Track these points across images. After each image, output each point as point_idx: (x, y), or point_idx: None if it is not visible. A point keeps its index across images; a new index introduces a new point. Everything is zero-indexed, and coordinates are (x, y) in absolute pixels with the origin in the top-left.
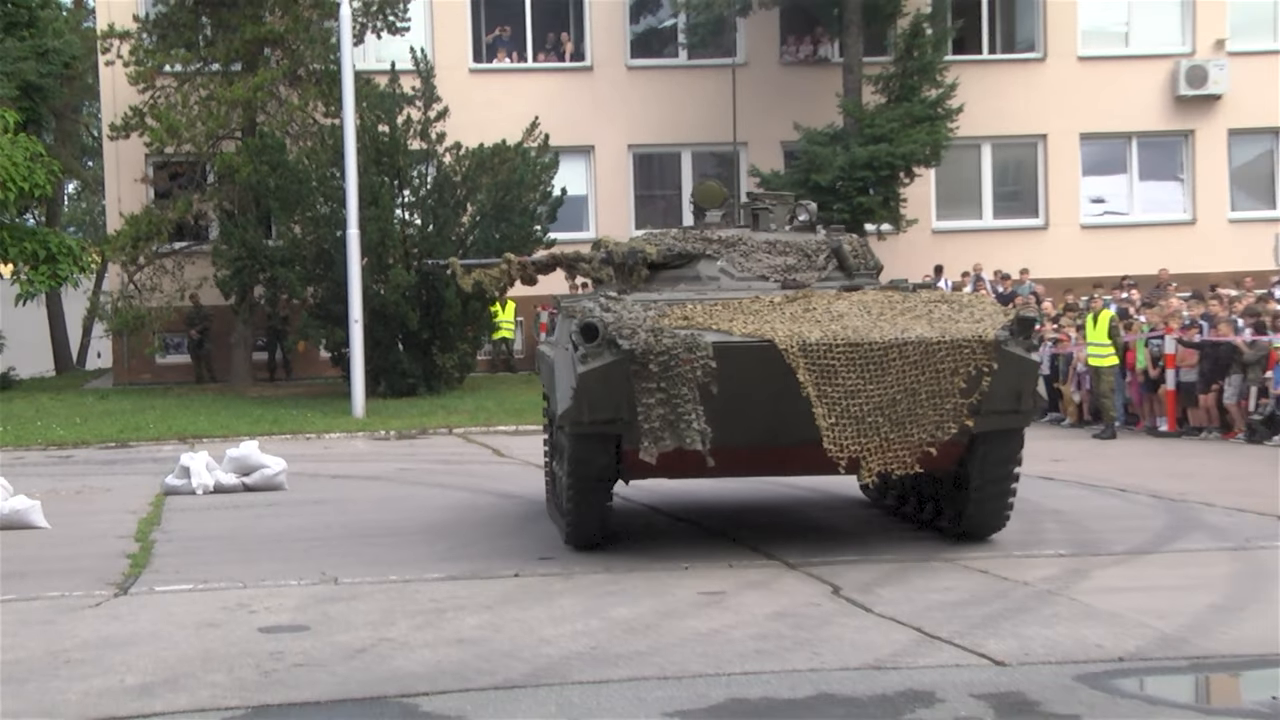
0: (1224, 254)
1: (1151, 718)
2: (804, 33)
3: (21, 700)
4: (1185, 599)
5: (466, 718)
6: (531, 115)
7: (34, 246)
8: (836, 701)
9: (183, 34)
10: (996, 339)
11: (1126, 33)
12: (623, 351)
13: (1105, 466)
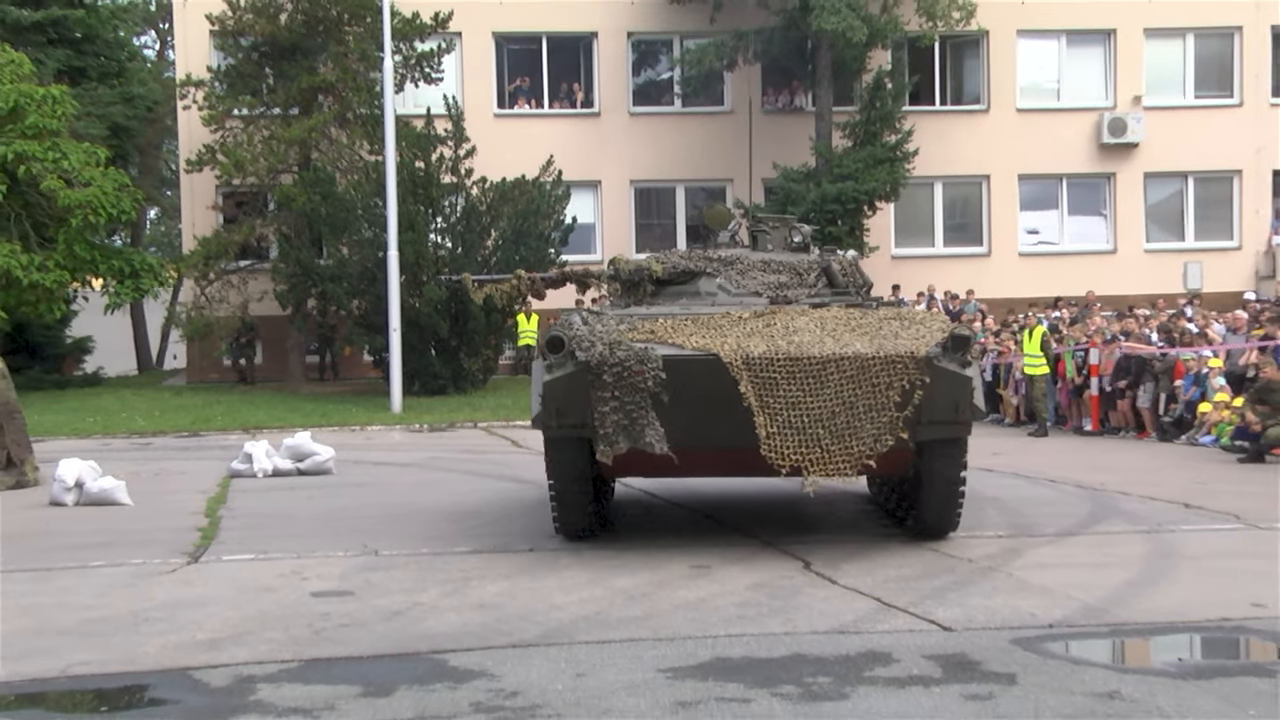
0: (1140, 279)
1: (1076, 676)
2: (782, 85)
3: (108, 652)
4: (1105, 574)
5: (488, 671)
6: (547, 154)
7: (120, 264)
8: (807, 661)
9: (248, 83)
10: (928, 355)
11: (1058, 89)
12: (580, 363)
13: (1037, 460)
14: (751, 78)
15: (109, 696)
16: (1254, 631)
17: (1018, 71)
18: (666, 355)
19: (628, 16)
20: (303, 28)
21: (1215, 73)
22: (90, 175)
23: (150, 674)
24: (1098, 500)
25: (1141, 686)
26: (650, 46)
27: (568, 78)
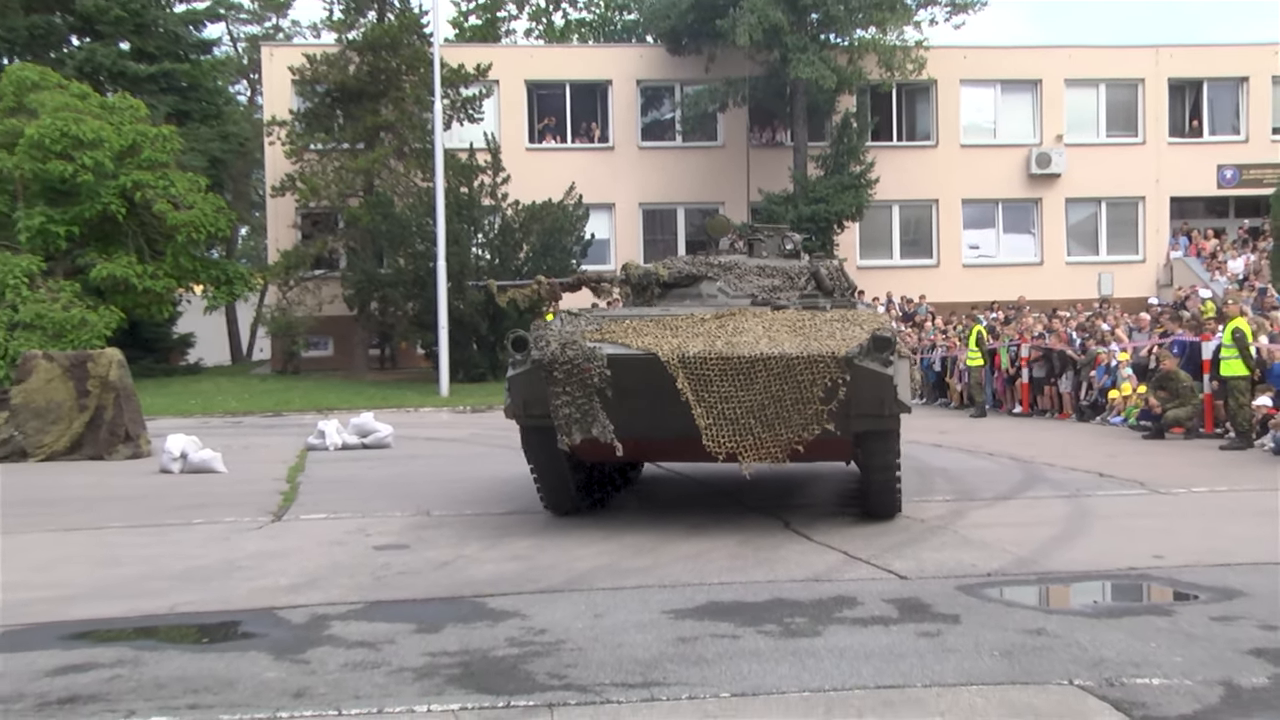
0: (1062, 287)
1: (1009, 616)
2: (765, 124)
3: (206, 593)
4: (1033, 532)
5: (520, 612)
6: (569, 181)
7: (217, 273)
8: (786, 604)
9: (322, 122)
10: (848, 355)
11: (994, 128)
12: (535, 360)
13: (978, 437)
14: (740, 118)
15: (208, 630)
16: (1155, 579)
17: (961, 113)
18: (611, 354)
19: (636, 67)
20: (367, 77)
21: (1122, 116)
22: (193, 200)
23: (241, 612)
24: (1028, 470)
25: (1063, 624)
26: (655, 92)
27: (587, 118)
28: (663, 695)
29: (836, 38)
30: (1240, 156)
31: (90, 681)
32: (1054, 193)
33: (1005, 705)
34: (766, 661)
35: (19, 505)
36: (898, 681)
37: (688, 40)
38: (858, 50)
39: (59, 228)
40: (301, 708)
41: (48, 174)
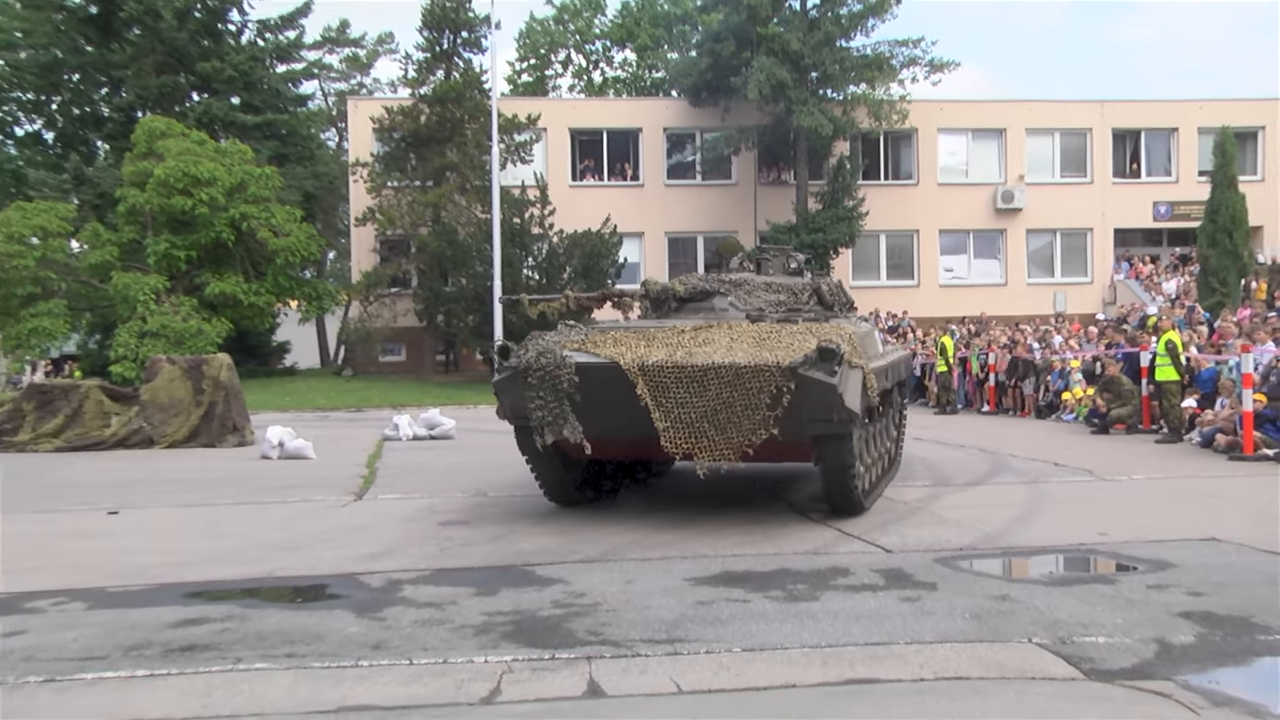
0: (1023, 304)
1: (978, 584)
2: (772, 165)
3: (299, 561)
4: (999, 512)
5: (563, 579)
6: (606, 213)
7: (309, 290)
8: (789, 573)
9: (398, 163)
10: (792, 365)
11: (966, 169)
12: (512, 367)
13: (951, 431)
14: (750, 160)
15: (301, 591)
16: (1100, 553)
17: (938, 157)
18: (579, 362)
19: (663, 116)
20: (436, 125)
21: (1074, 160)
22: (290, 228)
23: (329, 577)
24: (994, 460)
25: (1024, 592)
26: (679, 138)
27: (621, 160)
28: (684, 650)
29: (833, 92)
30: (1172, 195)
31: (204, 633)
32: (1016, 224)
33: (975, 660)
34: (772, 622)
35: (146, 485)
36: (884, 639)
37: (706, 94)
38: (851, 103)
39: (180, 252)
40: (379, 658)
41: (172, 208)
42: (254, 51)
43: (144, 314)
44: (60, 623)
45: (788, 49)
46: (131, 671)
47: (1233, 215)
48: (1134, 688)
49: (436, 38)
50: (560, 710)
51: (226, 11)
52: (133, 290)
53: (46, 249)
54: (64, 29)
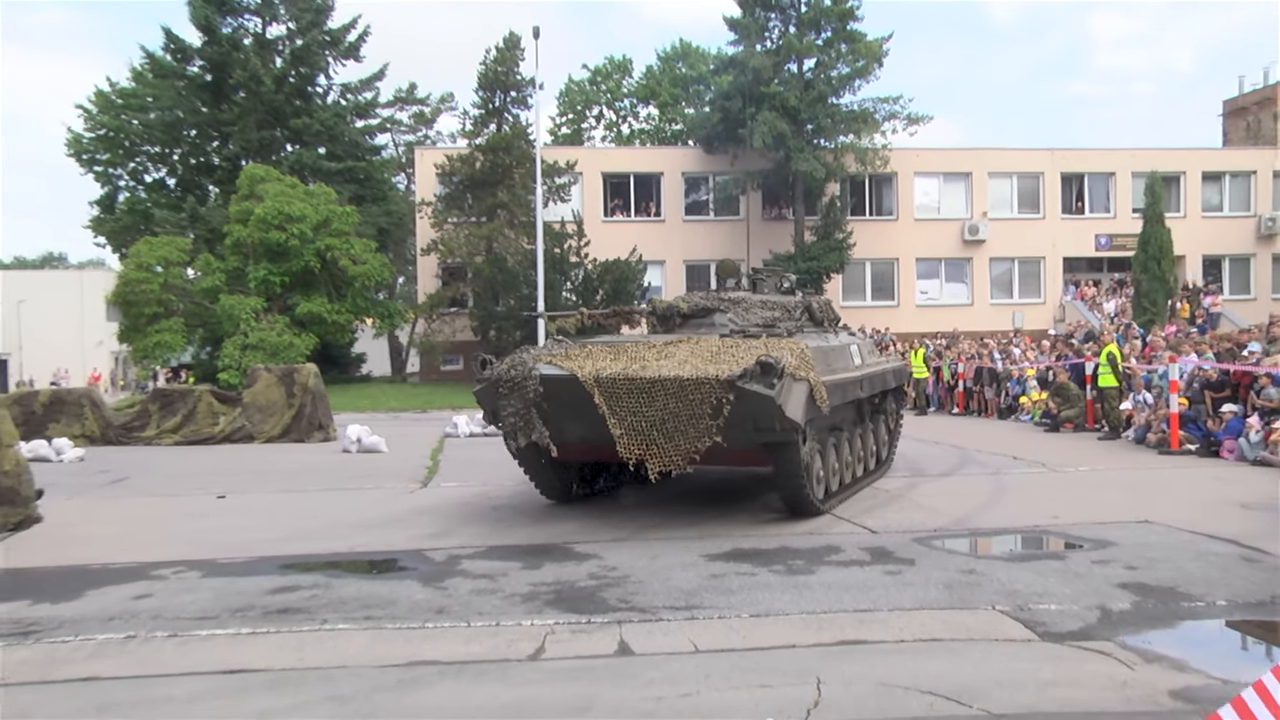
0: (987, 322)
1: (950, 560)
2: (774, 203)
3: (373, 538)
4: (967, 500)
5: (597, 555)
6: (632, 244)
7: (382, 309)
8: (790, 551)
9: (456, 202)
10: (729, 378)
11: (938, 207)
12: (486, 378)
13: (926, 430)
14: (755, 199)
15: (376, 564)
16: (1052, 533)
17: (914, 196)
18: (544, 373)
19: (681, 162)
20: (488, 171)
21: (1029, 198)
22: (366, 257)
23: (398, 552)
24: (963, 455)
25: (988, 566)
26: (695, 180)
27: (645, 199)
28: (700, 615)
29: (825, 142)
30: (1110, 229)
31: (296, 598)
32: (981, 253)
33: (947, 624)
34: (775, 591)
35: (248, 474)
36: (870, 606)
37: (718, 143)
38: (840, 151)
39: (275, 278)
40: (442, 620)
41: (269, 241)
42: (337, 110)
43: (246, 330)
44: (180, 588)
45: (787, 105)
46: (238, 629)
47: (1160, 246)
48: (1080, 647)
49: (490, 97)
50: (595, 666)
51: (315, 77)
52: (237, 310)
53: (168, 276)
54: (184, 94)
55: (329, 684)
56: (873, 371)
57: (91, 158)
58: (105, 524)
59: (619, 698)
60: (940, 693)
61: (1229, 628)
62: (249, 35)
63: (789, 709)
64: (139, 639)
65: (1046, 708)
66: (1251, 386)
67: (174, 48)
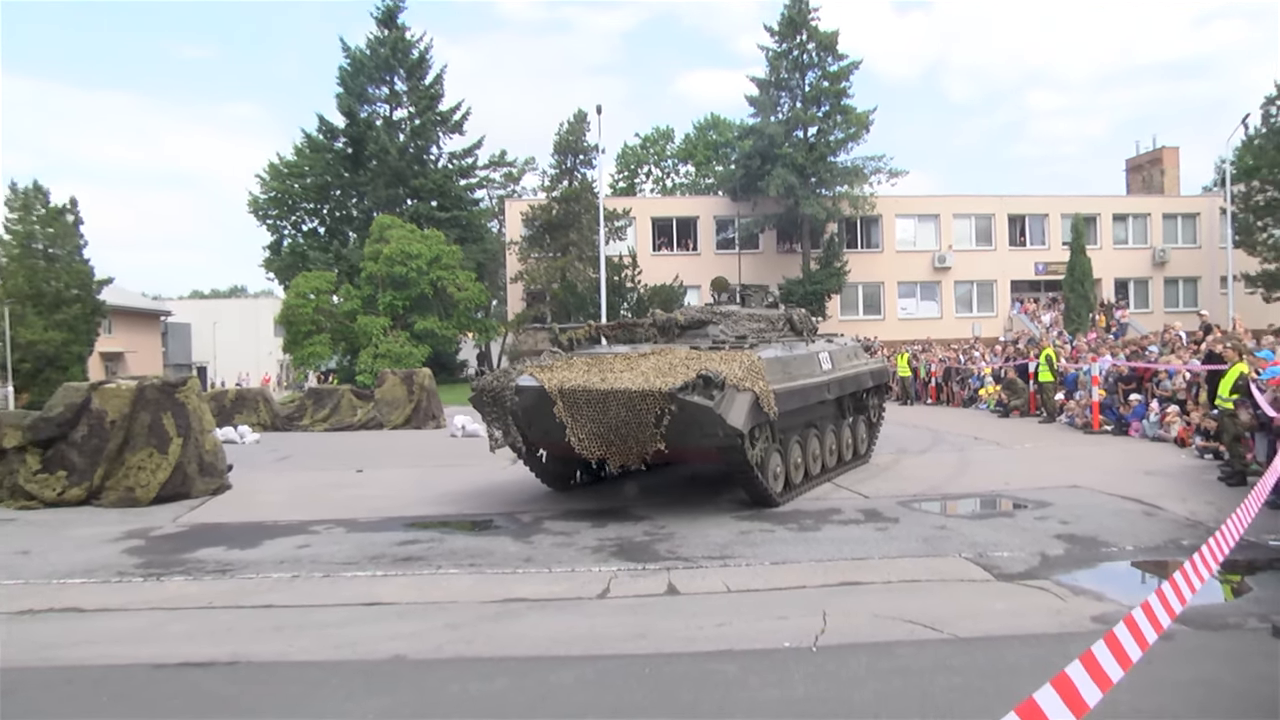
0: (953, 331)
1: (926, 519)
2: (786, 239)
3: (477, 504)
4: (938, 470)
5: (649, 516)
6: (675, 273)
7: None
8: (801, 513)
9: (537, 242)
10: (670, 390)
11: (914, 241)
12: (475, 387)
13: (906, 416)
14: (771, 236)
15: (478, 524)
16: (1005, 496)
17: (895, 233)
18: (519, 384)
19: (713, 208)
20: (562, 217)
21: (984, 234)
22: (467, 285)
23: (495, 514)
24: (936, 436)
25: (956, 523)
26: (723, 222)
27: (685, 237)
28: (731, 563)
29: (826, 191)
30: (1046, 258)
31: (416, 549)
32: (948, 278)
33: (924, 568)
34: (790, 544)
35: (379, 453)
36: (864, 555)
37: (741, 193)
38: (838, 198)
39: (399, 302)
40: (529, 567)
41: (394, 273)
42: (445, 172)
43: (376, 343)
44: (330, 540)
45: (795, 163)
46: (374, 573)
47: (1083, 272)
48: (1025, 585)
49: (563, 159)
50: (649, 603)
51: (429, 147)
52: (370, 328)
53: (319, 302)
54: (331, 163)
55: (443, 614)
56: (845, 374)
57: (264, 213)
58: (275, 491)
59: (668, 627)
60: (919, 621)
61: (1134, 567)
62: (380, 118)
63: (802, 635)
64: (301, 577)
65: (1000, 633)
66: (1152, 379)
67: (325, 129)
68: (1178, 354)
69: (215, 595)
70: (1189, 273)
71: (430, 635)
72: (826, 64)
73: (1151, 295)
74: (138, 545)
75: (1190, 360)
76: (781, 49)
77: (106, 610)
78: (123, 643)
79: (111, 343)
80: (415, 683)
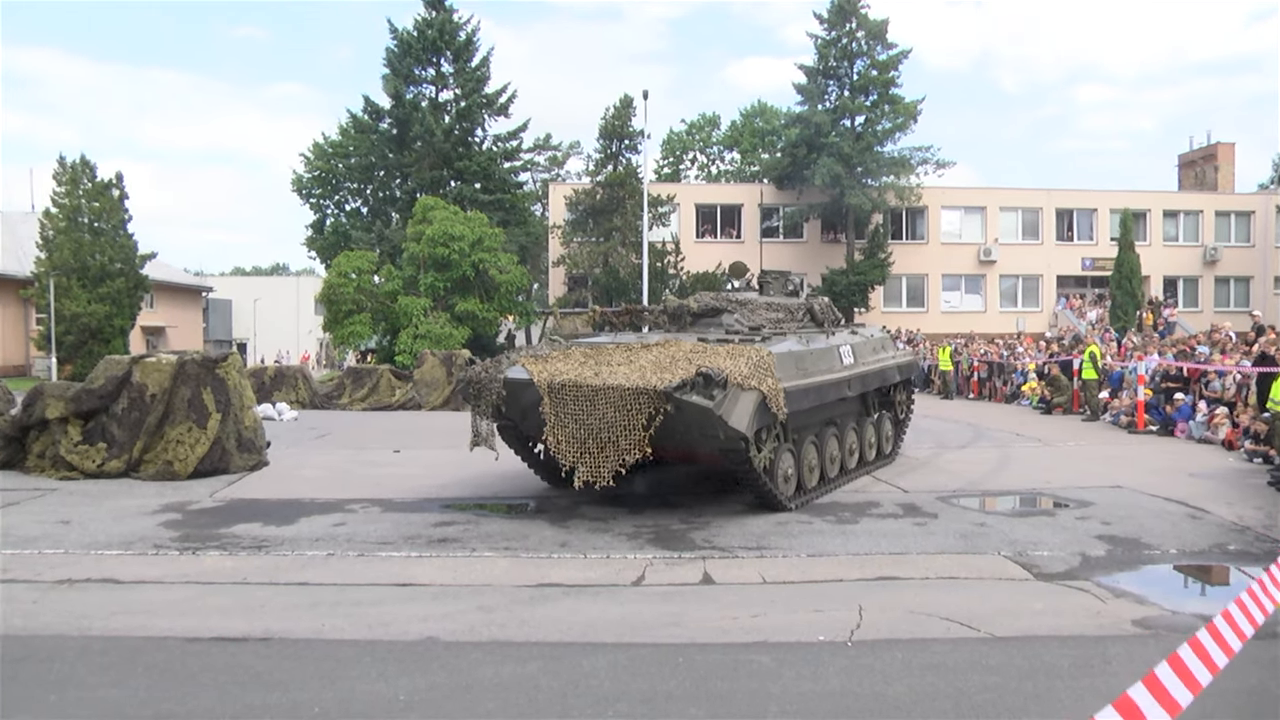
0: (997, 326)
1: (966, 515)
2: (830, 229)
3: (511, 486)
4: (978, 466)
5: (687, 505)
6: (718, 260)
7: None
8: (839, 505)
9: (581, 226)
10: (666, 389)
11: (960, 234)
12: (460, 379)
13: (947, 411)
14: (816, 226)
15: (514, 507)
16: (1046, 494)
17: (941, 225)
18: (508, 376)
19: (758, 196)
20: (606, 202)
21: (1030, 228)
22: (510, 268)
23: (531, 497)
24: (976, 431)
25: (996, 520)
26: (769, 210)
27: (729, 225)
28: (768, 554)
29: (871, 181)
30: (1093, 253)
31: (452, 531)
32: (993, 272)
33: (961, 565)
34: (827, 537)
35: (417, 434)
36: (901, 550)
37: (786, 181)
38: (883, 189)
39: (440, 284)
40: (565, 552)
41: (436, 254)
42: (490, 155)
43: (417, 323)
44: (366, 519)
45: (842, 152)
46: (409, 553)
47: (1131, 268)
48: (1065, 585)
49: (608, 144)
50: (684, 591)
51: (474, 130)
52: (410, 308)
53: (360, 281)
54: (376, 144)
55: (477, 597)
56: (869, 369)
57: (308, 192)
58: (313, 468)
59: (702, 616)
60: (955, 619)
61: (1177, 570)
62: (426, 99)
63: (837, 628)
64: (336, 556)
65: (1038, 632)
66: (1200, 380)
67: (370, 110)
68: (1228, 354)
69: (250, 571)
70: (1241, 272)
71: (463, 617)
72: (875, 53)
73: (1201, 294)
74: (175, 519)
75: (1241, 362)
76: (830, 37)
77: (143, 582)
78: (158, 615)
79: (153, 317)
80: (447, 664)
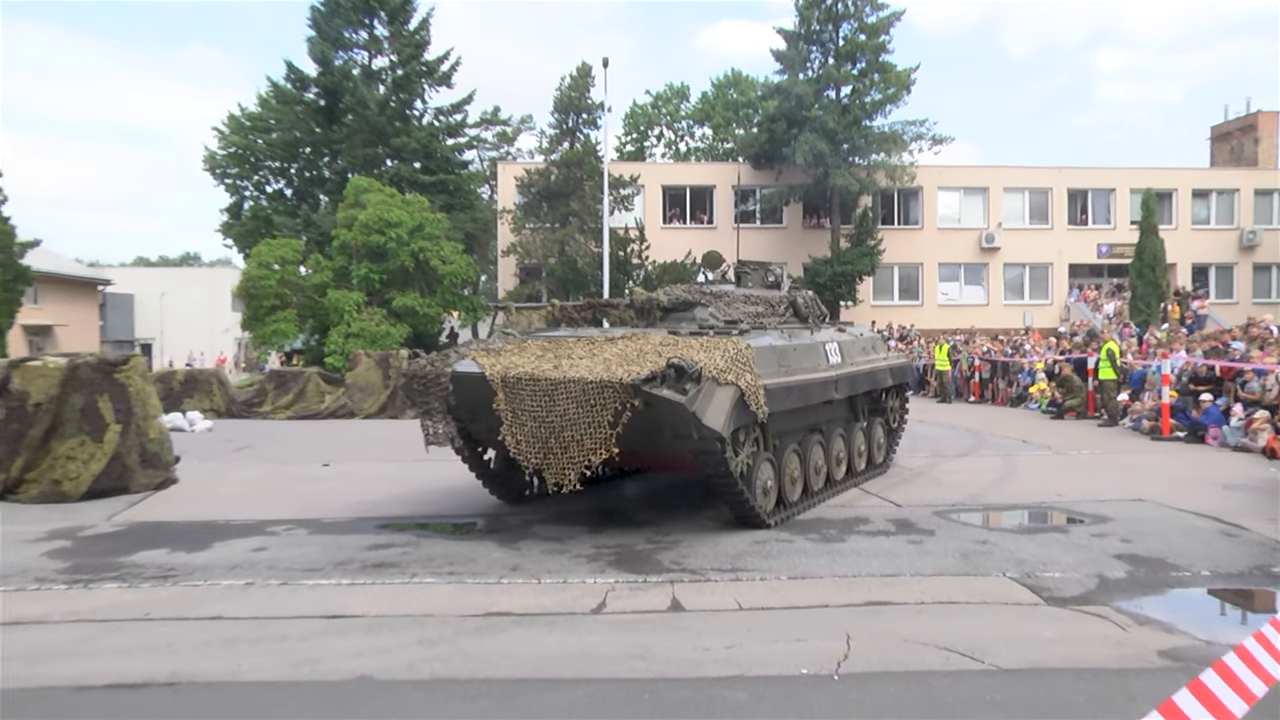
0: (1001, 320)
1: (965, 531)
2: (813, 213)
3: (457, 503)
4: (980, 477)
5: (653, 522)
6: (688, 249)
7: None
8: (824, 521)
9: (533, 210)
10: (633, 382)
11: (959, 218)
12: (402, 374)
13: (945, 416)
14: (797, 210)
15: (460, 527)
16: (1056, 508)
17: (938, 208)
18: (456, 370)
19: (731, 177)
20: (562, 183)
21: (1038, 211)
22: (454, 258)
23: (479, 515)
24: (978, 438)
25: (999, 537)
26: (744, 193)
27: (699, 209)
28: (744, 577)
29: (859, 159)
30: (1110, 239)
31: (390, 554)
32: (996, 260)
33: (962, 588)
34: (810, 557)
35: (349, 445)
36: (894, 571)
37: (764, 160)
38: (872, 168)
39: (375, 276)
40: (515, 577)
41: (370, 243)
42: (431, 130)
43: (349, 320)
44: (290, 543)
45: (826, 127)
46: (339, 580)
47: (1154, 255)
48: (1080, 611)
49: (564, 118)
50: (650, 620)
51: (413, 102)
52: (341, 303)
53: (284, 273)
54: (301, 117)
55: (418, 629)
56: (858, 370)
57: (223, 172)
58: (230, 485)
59: (671, 648)
60: (956, 649)
61: (1210, 595)
62: (357, 66)
63: (822, 660)
64: (257, 585)
65: (1049, 664)
66: (1235, 380)
67: (294, 78)
68: (1267, 351)
69: (154, 605)
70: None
71: (402, 652)
72: (864, 14)
73: (1236, 283)
74: (63, 547)
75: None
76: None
77: (20, 623)
78: (40, 661)
79: (38, 314)
80: (383, 706)
